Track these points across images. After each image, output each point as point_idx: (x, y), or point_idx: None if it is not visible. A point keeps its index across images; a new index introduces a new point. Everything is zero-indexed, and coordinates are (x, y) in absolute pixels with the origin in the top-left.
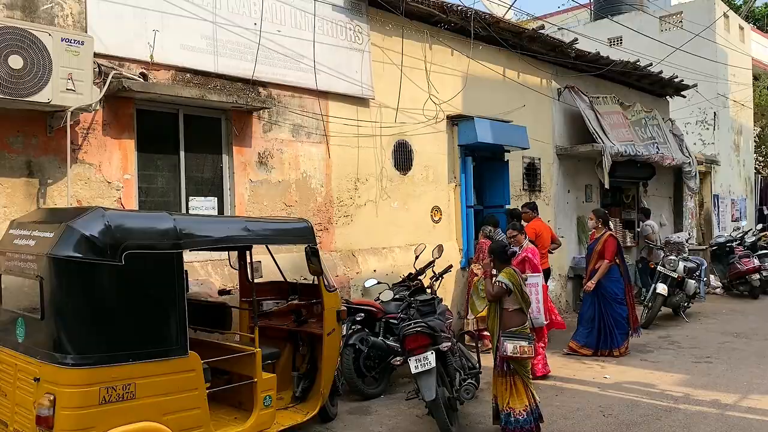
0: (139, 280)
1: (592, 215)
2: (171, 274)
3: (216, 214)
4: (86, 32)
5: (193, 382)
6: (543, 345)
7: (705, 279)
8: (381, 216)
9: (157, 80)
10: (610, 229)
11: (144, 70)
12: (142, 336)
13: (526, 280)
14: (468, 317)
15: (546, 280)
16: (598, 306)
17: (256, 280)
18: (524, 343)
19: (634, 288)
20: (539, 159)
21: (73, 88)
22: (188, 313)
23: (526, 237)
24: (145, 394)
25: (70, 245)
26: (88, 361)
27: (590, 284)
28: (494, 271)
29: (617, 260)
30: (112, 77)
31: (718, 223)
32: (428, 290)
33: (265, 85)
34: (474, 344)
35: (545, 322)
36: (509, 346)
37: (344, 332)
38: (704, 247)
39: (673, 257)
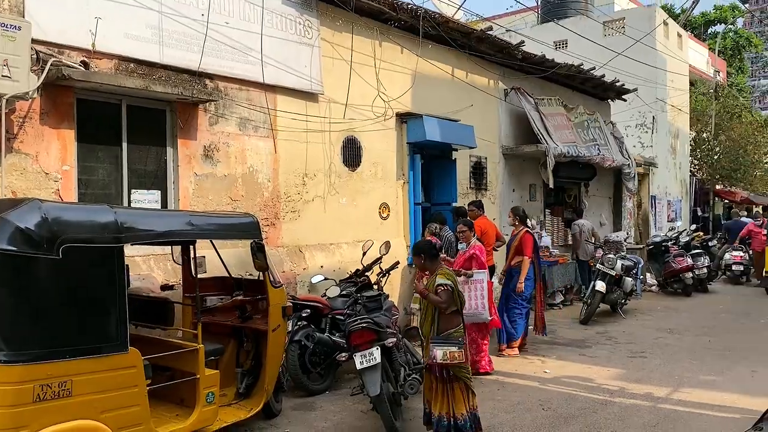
0: (77, 275)
1: (510, 213)
2: (111, 269)
3: (159, 207)
4: (24, 17)
5: (134, 378)
6: (486, 342)
7: (641, 277)
8: (329, 212)
9: (99, 69)
10: (527, 227)
11: (85, 59)
12: (80, 332)
13: (471, 276)
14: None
15: (491, 277)
16: (503, 300)
17: (199, 276)
18: (454, 349)
19: (546, 287)
20: (486, 158)
21: (8, 75)
22: (129, 309)
23: (474, 234)
24: (82, 391)
25: (4, 238)
26: (22, 357)
27: (519, 286)
28: (423, 280)
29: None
30: (51, 65)
31: (655, 223)
32: (375, 286)
33: (211, 77)
34: (419, 340)
35: (490, 318)
36: (438, 353)
37: (290, 328)
38: (641, 246)
39: (611, 255)
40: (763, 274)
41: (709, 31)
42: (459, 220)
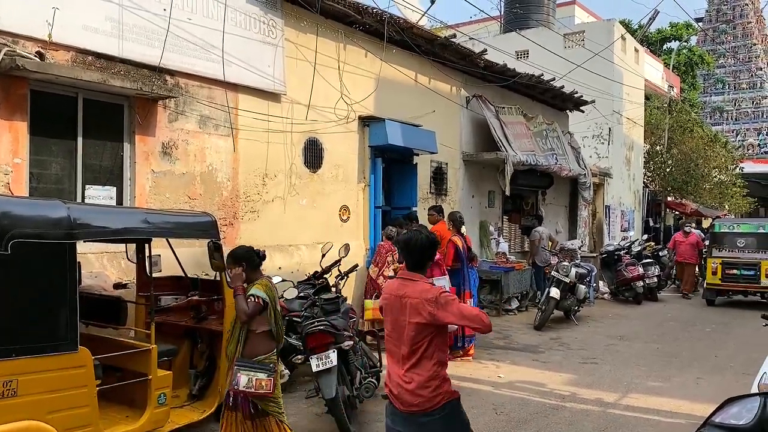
0: (26, 271)
1: (447, 218)
2: (62, 266)
3: (114, 204)
4: None
5: (83, 378)
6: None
7: (594, 285)
8: (289, 213)
9: (55, 61)
10: (460, 234)
11: (41, 50)
12: (27, 330)
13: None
14: (362, 319)
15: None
16: None
17: (154, 275)
18: (262, 376)
19: (470, 296)
20: (446, 163)
21: None
22: (80, 307)
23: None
24: (28, 391)
25: None
26: None
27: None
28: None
29: (458, 265)
30: (5, 54)
31: (609, 232)
32: (333, 289)
33: (172, 73)
34: (375, 343)
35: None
36: (242, 378)
37: None
38: (595, 255)
39: (566, 263)
40: (705, 285)
41: (664, 47)
42: (401, 224)
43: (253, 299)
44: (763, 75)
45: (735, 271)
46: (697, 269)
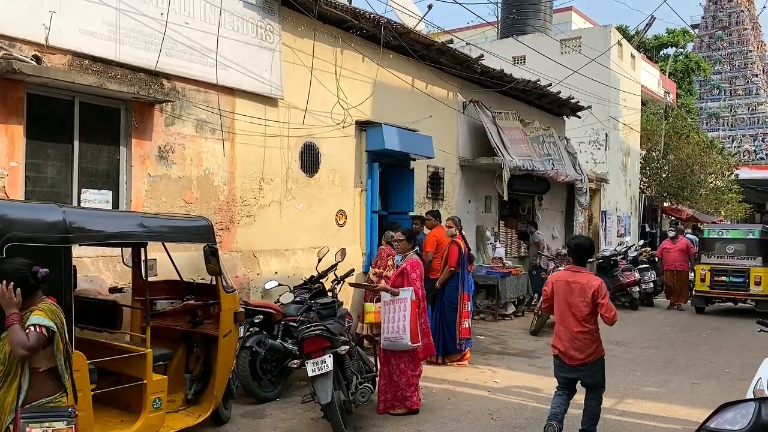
0: None
1: (451, 222)
2: (58, 269)
3: (110, 208)
4: None
5: (78, 383)
6: (418, 374)
7: None
8: (285, 217)
9: (52, 64)
10: (462, 237)
11: (38, 53)
12: None
13: (398, 294)
14: (362, 323)
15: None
16: (439, 311)
17: (150, 279)
18: (60, 425)
19: (468, 298)
20: (443, 168)
21: None
22: (75, 311)
23: (413, 248)
24: None
25: None
26: None
27: (437, 285)
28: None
29: (458, 268)
30: (1, 57)
31: (605, 238)
32: (329, 293)
33: (169, 77)
34: (372, 347)
35: (412, 345)
36: None
37: (242, 334)
38: (591, 260)
39: (562, 268)
40: (694, 292)
41: (661, 54)
42: (398, 228)
43: (34, 329)
44: (758, 81)
45: (724, 278)
46: (692, 274)
